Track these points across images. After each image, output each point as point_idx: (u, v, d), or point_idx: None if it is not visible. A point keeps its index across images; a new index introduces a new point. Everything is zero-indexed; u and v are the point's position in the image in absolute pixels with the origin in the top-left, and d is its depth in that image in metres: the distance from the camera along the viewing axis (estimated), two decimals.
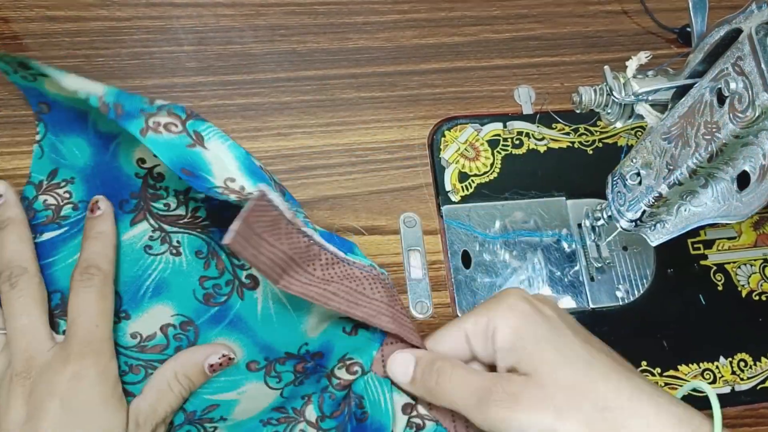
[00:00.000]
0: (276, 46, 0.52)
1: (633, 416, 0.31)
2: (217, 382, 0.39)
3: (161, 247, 0.40)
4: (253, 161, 0.37)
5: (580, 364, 0.33)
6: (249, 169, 0.37)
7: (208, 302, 0.40)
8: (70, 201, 0.41)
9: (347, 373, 0.39)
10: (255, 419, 0.39)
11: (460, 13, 0.55)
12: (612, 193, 0.42)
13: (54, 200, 0.41)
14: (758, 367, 0.45)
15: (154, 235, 0.40)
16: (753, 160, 0.31)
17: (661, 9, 0.57)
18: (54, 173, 0.42)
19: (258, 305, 0.40)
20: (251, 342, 0.40)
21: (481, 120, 0.50)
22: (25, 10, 0.50)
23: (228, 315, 0.40)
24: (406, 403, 0.38)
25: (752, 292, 0.47)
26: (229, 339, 0.40)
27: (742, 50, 0.30)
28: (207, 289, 0.40)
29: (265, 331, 0.40)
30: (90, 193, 0.41)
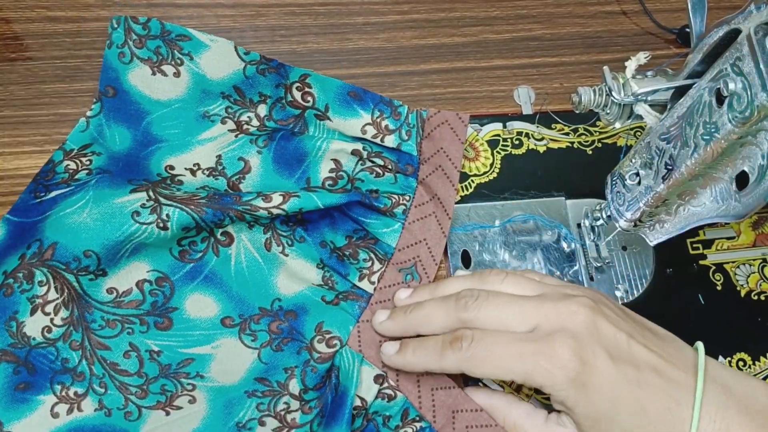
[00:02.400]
0: (276, 46, 0.52)
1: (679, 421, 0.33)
2: (191, 336, 0.40)
3: (149, 217, 0.40)
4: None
5: (631, 409, 0.34)
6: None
7: (184, 258, 0.42)
8: (88, 168, 0.43)
9: (327, 346, 0.40)
10: (239, 389, 0.40)
11: (460, 14, 0.55)
12: (611, 193, 0.42)
13: (74, 165, 0.43)
14: (757, 366, 0.45)
15: (146, 204, 0.40)
16: (752, 160, 0.32)
17: (660, 9, 0.57)
18: (87, 146, 0.45)
19: (231, 261, 0.42)
20: (225, 296, 0.42)
21: (481, 120, 0.51)
22: (26, 10, 0.50)
23: (203, 271, 0.42)
24: (378, 374, 0.40)
25: (751, 291, 0.47)
26: (204, 294, 0.41)
27: (741, 51, 0.30)
28: (183, 246, 0.42)
29: (238, 285, 0.42)
30: (109, 166, 0.43)
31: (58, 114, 0.47)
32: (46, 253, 0.39)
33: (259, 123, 0.46)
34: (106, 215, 0.40)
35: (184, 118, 0.46)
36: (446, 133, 0.46)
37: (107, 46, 0.46)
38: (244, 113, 0.46)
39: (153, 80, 0.46)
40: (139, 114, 0.46)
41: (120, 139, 0.45)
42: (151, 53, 0.46)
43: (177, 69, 0.46)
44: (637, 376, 0.34)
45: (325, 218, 0.45)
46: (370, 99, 0.47)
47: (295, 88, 0.46)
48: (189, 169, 0.45)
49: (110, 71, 0.46)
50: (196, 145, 0.45)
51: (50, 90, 0.48)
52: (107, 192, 0.41)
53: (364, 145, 0.46)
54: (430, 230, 0.44)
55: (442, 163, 0.45)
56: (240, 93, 0.46)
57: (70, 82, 0.48)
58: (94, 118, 0.45)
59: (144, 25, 0.46)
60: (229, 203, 0.41)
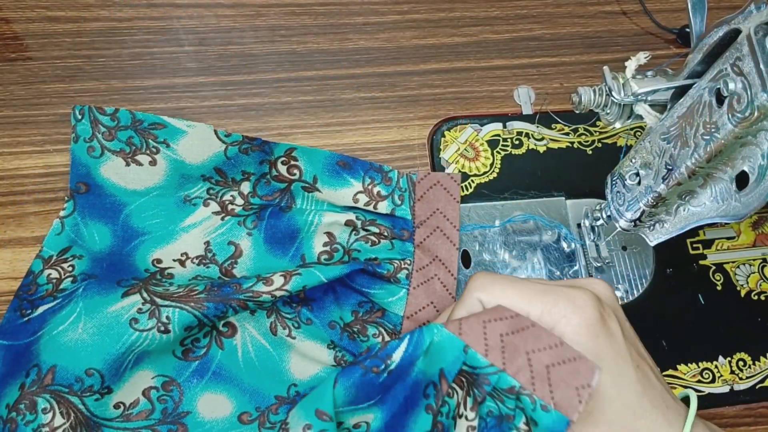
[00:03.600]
0: (276, 46, 0.52)
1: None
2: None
3: (148, 322, 0.38)
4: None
5: (631, 397, 0.33)
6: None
7: (188, 357, 0.40)
8: (71, 274, 0.41)
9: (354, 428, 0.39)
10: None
11: (460, 14, 0.55)
12: (611, 193, 0.42)
13: (57, 274, 0.41)
14: (757, 366, 0.45)
15: (143, 308, 0.39)
16: (752, 160, 0.32)
17: (660, 10, 0.57)
18: (66, 250, 0.42)
19: (238, 352, 0.40)
20: (238, 391, 0.39)
21: (481, 120, 0.51)
22: (26, 10, 0.50)
23: (210, 367, 0.40)
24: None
25: (751, 291, 0.47)
26: (215, 392, 0.39)
27: (741, 51, 0.30)
28: (185, 345, 0.40)
29: (250, 377, 0.40)
30: (93, 269, 0.41)
31: (58, 114, 0.47)
32: (46, 378, 0.37)
33: (243, 201, 0.44)
34: (102, 328, 0.37)
35: (165, 205, 0.44)
36: (440, 194, 0.45)
37: (73, 140, 0.43)
38: (227, 193, 0.44)
39: (128, 171, 0.43)
40: (116, 207, 0.43)
41: (99, 237, 0.43)
42: (123, 144, 0.43)
43: (153, 158, 0.43)
44: (640, 364, 0.34)
45: (328, 294, 0.43)
46: (360, 167, 0.45)
47: (280, 162, 0.45)
48: (178, 260, 0.43)
49: (80, 167, 0.43)
50: (180, 233, 0.43)
51: (50, 90, 0.48)
52: (97, 300, 0.39)
53: (356, 214, 0.45)
54: (436, 293, 0.43)
55: (440, 225, 0.45)
56: (221, 174, 0.44)
57: (70, 82, 0.48)
58: (69, 218, 0.42)
59: (112, 116, 0.44)
60: (229, 293, 0.39)
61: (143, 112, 0.44)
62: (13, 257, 0.43)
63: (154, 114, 0.44)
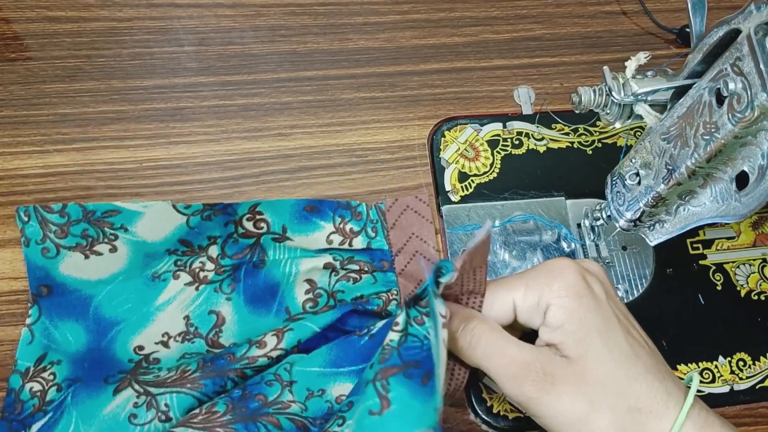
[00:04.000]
0: (276, 46, 0.52)
1: (660, 419, 0.32)
2: None
3: (147, 414, 0.37)
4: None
5: (623, 360, 0.33)
6: None
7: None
8: (54, 383, 0.39)
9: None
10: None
11: (460, 14, 0.55)
12: (611, 193, 0.42)
13: (40, 386, 0.39)
14: (757, 366, 0.45)
15: (138, 401, 0.38)
16: (752, 160, 0.31)
17: (660, 9, 0.57)
18: (42, 358, 0.40)
19: None
20: None
21: (481, 120, 0.51)
22: (26, 10, 0.50)
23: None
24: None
25: (751, 291, 0.47)
26: None
27: (741, 51, 0.30)
28: None
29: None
30: (75, 372, 0.40)
31: (58, 114, 0.47)
32: None
33: (214, 265, 0.43)
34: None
35: (133, 287, 0.42)
36: (412, 218, 0.45)
37: (24, 243, 0.41)
38: (195, 260, 0.43)
39: (88, 263, 0.42)
40: (83, 302, 0.41)
41: (73, 336, 0.41)
42: (79, 238, 0.42)
43: (112, 244, 0.42)
44: (630, 331, 0.34)
45: (322, 343, 0.41)
46: (328, 207, 0.45)
47: (245, 219, 0.44)
48: (160, 342, 0.41)
49: (37, 270, 0.41)
50: (156, 313, 0.42)
51: (50, 90, 0.48)
52: (89, 404, 0.38)
53: (333, 255, 0.44)
54: None
55: (419, 248, 0.44)
56: (187, 244, 0.43)
57: (70, 82, 0.48)
58: (36, 324, 0.41)
59: (61, 212, 0.42)
60: (224, 365, 0.38)
61: (93, 203, 0.42)
62: (13, 257, 0.43)
63: (107, 202, 0.43)
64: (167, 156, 0.47)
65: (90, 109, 0.48)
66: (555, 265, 0.35)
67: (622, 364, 0.33)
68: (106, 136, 0.47)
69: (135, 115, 0.48)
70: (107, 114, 0.48)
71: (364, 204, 0.45)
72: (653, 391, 0.32)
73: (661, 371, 0.34)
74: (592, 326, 0.33)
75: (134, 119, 0.48)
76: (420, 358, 0.32)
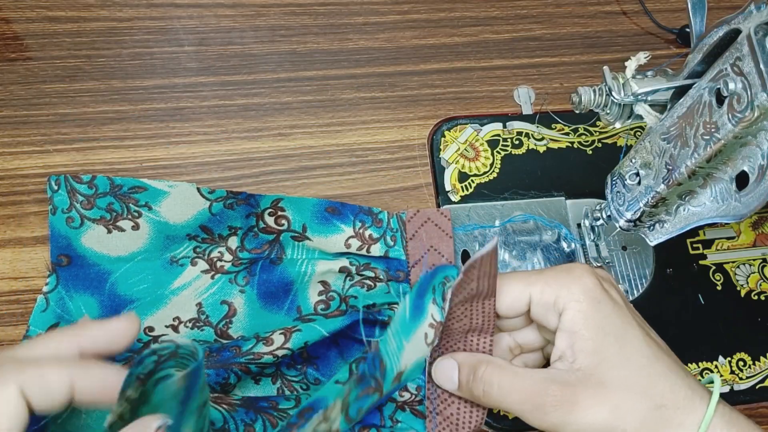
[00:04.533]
0: (276, 46, 0.52)
1: (689, 414, 0.32)
2: None
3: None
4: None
5: (643, 361, 0.33)
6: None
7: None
8: None
9: None
10: None
11: (460, 14, 0.55)
12: (611, 193, 0.42)
13: None
14: (757, 366, 0.45)
15: None
16: (752, 160, 0.32)
17: (660, 10, 0.57)
18: (53, 327, 0.41)
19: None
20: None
21: (481, 120, 0.51)
22: (26, 10, 0.50)
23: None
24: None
25: (751, 291, 0.47)
26: None
27: (741, 51, 0.30)
28: None
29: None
30: None
31: (58, 114, 0.47)
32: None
33: (232, 257, 0.43)
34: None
35: (151, 269, 0.42)
36: (432, 231, 0.44)
37: (50, 211, 0.42)
38: (214, 249, 0.43)
39: (110, 239, 0.42)
40: (100, 276, 0.42)
41: (87, 309, 0.41)
42: (104, 212, 0.42)
43: (135, 222, 0.42)
44: (649, 332, 0.34)
45: (331, 349, 0.42)
46: (350, 211, 0.44)
47: (267, 214, 0.44)
48: (170, 326, 0.41)
49: (60, 239, 0.42)
50: (170, 296, 0.42)
51: (50, 90, 0.48)
52: None
53: (350, 259, 0.44)
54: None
55: (436, 262, 0.44)
56: (208, 231, 0.43)
57: (70, 82, 0.48)
58: (53, 293, 0.41)
59: (89, 183, 0.42)
60: (229, 358, 0.38)
61: (122, 177, 0.43)
62: (13, 257, 0.43)
63: (133, 178, 0.43)
64: (167, 156, 0.47)
65: (90, 109, 0.48)
66: (574, 268, 0.35)
67: (644, 366, 0.33)
68: (106, 136, 0.47)
69: (135, 115, 0.48)
70: (107, 114, 0.48)
71: (386, 212, 0.45)
72: (677, 388, 0.33)
73: (681, 370, 0.34)
74: (609, 332, 0.33)
75: (134, 119, 0.48)
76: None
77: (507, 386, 0.33)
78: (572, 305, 0.33)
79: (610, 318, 0.33)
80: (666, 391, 0.32)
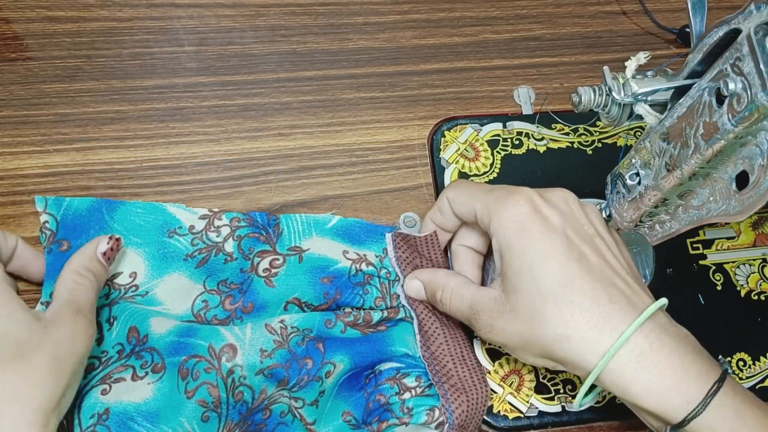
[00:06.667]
0: (276, 46, 0.52)
1: (594, 344, 0.34)
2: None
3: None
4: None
5: (554, 289, 0.34)
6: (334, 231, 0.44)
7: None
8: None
9: None
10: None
11: (460, 14, 0.55)
12: (611, 193, 0.42)
13: None
14: (757, 366, 0.45)
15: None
16: (752, 160, 0.32)
17: (660, 9, 0.57)
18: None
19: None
20: None
21: (481, 120, 0.51)
22: (26, 10, 0.50)
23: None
24: None
25: (751, 291, 0.47)
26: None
27: (741, 51, 0.30)
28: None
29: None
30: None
31: (58, 114, 0.47)
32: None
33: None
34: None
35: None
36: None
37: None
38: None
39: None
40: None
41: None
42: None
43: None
44: (587, 256, 0.35)
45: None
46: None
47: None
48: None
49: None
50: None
51: (50, 90, 0.48)
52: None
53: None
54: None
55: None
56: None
57: (70, 82, 0.48)
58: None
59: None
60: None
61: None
62: None
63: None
64: (167, 156, 0.47)
65: (90, 109, 0.48)
66: (513, 193, 0.37)
67: (552, 294, 0.34)
68: (106, 136, 0.47)
69: (135, 115, 0.48)
70: (107, 114, 0.48)
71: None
72: (588, 316, 0.33)
73: (609, 295, 0.34)
74: (526, 261, 0.35)
75: (134, 119, 0.48)
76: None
77: (455, 308, 0.39)
78: (500, 232, 0.36)
79: (532, 246, 0.35)
80: (569, 320, 0.33)
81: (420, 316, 0.42)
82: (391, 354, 0.41)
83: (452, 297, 0.39)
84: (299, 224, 0.44)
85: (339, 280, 0.43)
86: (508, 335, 0.36)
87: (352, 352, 0.40)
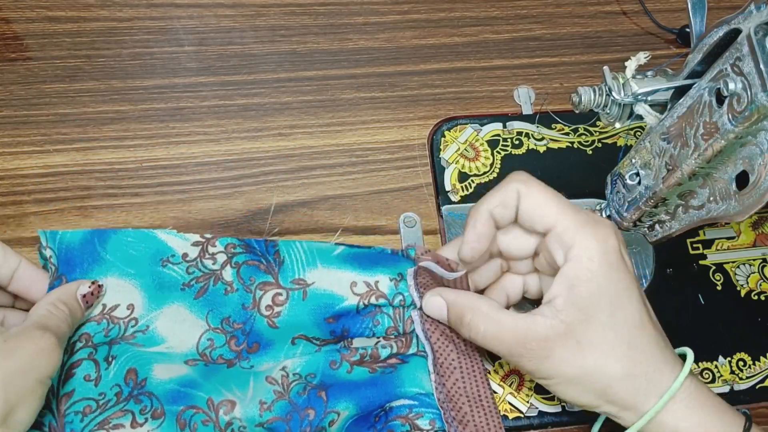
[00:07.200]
0: (276, 46, 0.52)
1: (656, 386, 0.34)
2: None
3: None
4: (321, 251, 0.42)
5: (630, 330, 0.34)
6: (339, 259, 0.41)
7: None
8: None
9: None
10: None
11: (460, 14, 0.55)
12: (611, 193, 0.42)
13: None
14: (757, 366, 0.45)
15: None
16: (752, 160, 0.32)
17: (660, 9, 0.57)
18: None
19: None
20: None
21: (481, 120, 0.51)
22: (26, 10, 0.50)
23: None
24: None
25: (751, 291, 0.47)
26: None
27: (741, 51, 0.30)
28: None
29: None
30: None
31: (58, 114, 0.47)
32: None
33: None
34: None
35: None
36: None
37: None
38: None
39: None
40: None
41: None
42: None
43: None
44: (647, 305, 0.36)
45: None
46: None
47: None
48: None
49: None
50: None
51: (50, 90, 0.48)
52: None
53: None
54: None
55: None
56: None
57: (70, 82, 0.48)
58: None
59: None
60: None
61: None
62: None
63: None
64: (167, 156, 0.47)
65: (90, 109, 0.48)
66: (602, 226, 0.35)
67: (628, 334, 0.34)
68: (106, 136, 0.47)
69: (135, 115, 0.48)
70: (107, 114, 0.48)
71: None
72: (653, 360, 0.34)
73: (663, 343, 0.36)
74: (607, 295, 0.34)
75: (134, 119, 0.48)
76: None
77: (491, 335, 0.35)
78: (584, 261, 0.34)
79: (615, 283, 0.34)
80: (641, 361, 0.34)
81: (435, 345, 0.39)
82: (401, 395, 0.40)
83: (485, 322, 0.35)
84: (301, 252, 0.41)
85: (345, 318, 0.40)
86: (567, 367, 0.34)
87: (357, 398, 0.39)
